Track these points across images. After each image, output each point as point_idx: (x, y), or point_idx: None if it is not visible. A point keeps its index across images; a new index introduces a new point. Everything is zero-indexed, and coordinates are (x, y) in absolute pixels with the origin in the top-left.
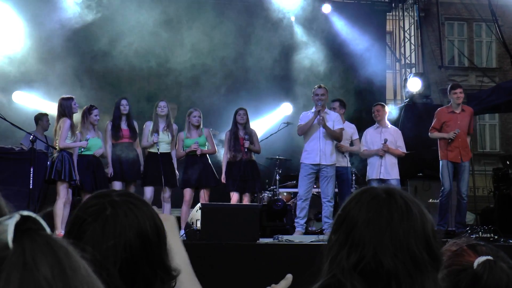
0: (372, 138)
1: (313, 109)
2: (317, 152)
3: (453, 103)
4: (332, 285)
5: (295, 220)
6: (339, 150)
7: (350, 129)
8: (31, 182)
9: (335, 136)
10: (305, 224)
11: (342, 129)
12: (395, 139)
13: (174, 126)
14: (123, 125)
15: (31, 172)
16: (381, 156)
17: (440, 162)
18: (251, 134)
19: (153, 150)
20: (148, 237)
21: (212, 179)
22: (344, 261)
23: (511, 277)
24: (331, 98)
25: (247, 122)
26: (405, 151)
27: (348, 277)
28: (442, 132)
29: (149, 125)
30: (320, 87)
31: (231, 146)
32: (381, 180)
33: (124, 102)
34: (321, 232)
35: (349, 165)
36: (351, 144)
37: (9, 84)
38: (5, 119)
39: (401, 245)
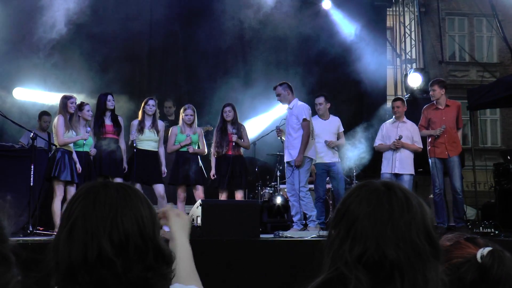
0: (388, 132)
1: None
2: (284, 149)
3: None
4: (335, 279)
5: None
6: (327, 145)
7: (335, 123)
8: (31, 179)
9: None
10: (299, 221)
11: (306, 120)
12: (412, 134)
13: (160, 123)
14: (107, 121)
15: (32, 169)
16: (395, 150)
17: (429, 160)
18: (239, 129)
19: (139, 147)
20: (139, 211)
21: (200, 178)
22: (347, 254)
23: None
24: (328, 92)
25: (235, 117)
26: (421, 146)
27: (353, 270)
28: (429, 130)
29: (135, 124)
30: (275, 87)
31: (217, 142)
32: (395, 175)
33: (110, 97)
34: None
35: (338, 160)
36: (338, 137)
37: (9, 80)
38: (5, 116)
39: (403, 236)
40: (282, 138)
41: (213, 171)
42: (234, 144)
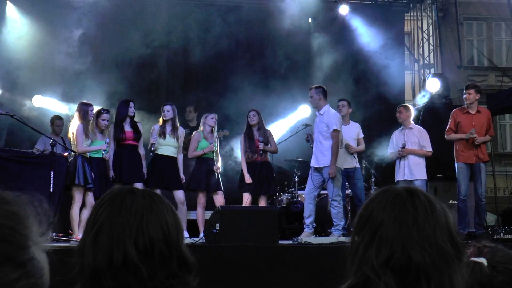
0: (397, 140)
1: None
2: (313, 155)
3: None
4: (360, 284)
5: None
6: (347, 150)
7: (356, 129)
8: (51, 185)
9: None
10: (310, 224)
11: (337, 131)
12: (419, 139)
13: (181, 130)
14: (127, 127)
15: (51, 175)
16: (403, 158)
17: (456, 164)
18: (265, 135)
19: (159, 152)
20: (165, 218)
21: (220, 184)
22: (373, 259)
23: (494, 280)
24: (347, 97)
25: (261, 122)
26: (430, 150)
27: (381, 274)
28: (458, 133)
29: (156, 128)
30: (310, 88)
31: (246, 147)
32: (407, 181)
33: (131, 104)
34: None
35: (358, 165)
36: (358, 143)
37: (29, 87)
38: (24, 123)
39: (429, 239)
40: (312, 144)
41: (247, 176)
42: (261, 151)
